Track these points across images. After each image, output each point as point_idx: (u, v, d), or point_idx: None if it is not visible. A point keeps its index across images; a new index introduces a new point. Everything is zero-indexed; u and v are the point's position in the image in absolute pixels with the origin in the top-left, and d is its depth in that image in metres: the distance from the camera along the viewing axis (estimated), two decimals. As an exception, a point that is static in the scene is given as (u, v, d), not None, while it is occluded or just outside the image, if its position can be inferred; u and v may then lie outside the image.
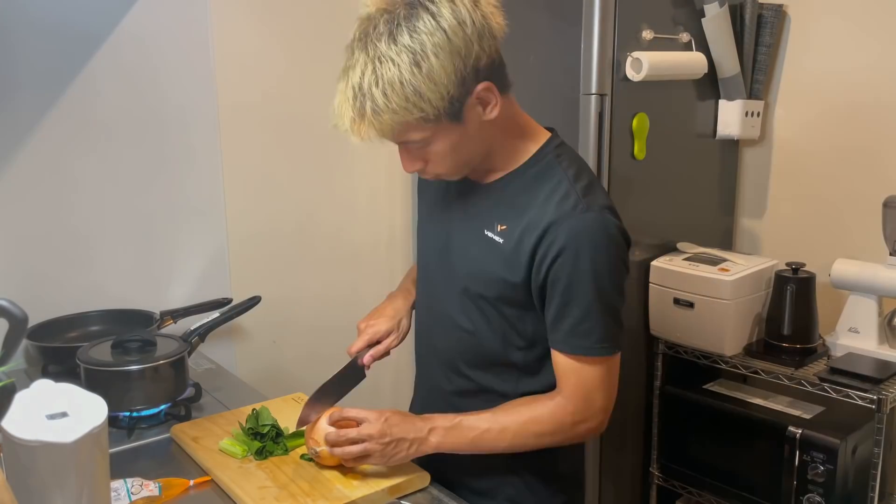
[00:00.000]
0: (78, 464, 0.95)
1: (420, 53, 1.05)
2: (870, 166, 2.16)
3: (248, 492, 1.22)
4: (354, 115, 1.09)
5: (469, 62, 1.08)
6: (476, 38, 1.07)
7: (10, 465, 0.96)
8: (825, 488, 1.84)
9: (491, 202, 1.25)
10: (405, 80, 1.05)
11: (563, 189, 1.19)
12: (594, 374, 1.21)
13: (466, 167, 1.23)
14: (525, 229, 1.19)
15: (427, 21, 1.05)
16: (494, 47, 1.12)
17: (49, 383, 1.03)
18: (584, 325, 1.18)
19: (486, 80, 1.11)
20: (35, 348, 1.71)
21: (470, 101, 1.12)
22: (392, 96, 1.06)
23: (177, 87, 1.96)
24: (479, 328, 1.28)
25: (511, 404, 1.26)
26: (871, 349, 1.96)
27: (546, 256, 1.17)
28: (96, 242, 1.89)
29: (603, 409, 1.24)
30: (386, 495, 1.23)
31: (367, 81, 1.06)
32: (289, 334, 2.26)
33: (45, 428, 0.94)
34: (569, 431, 1.23)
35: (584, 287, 1.16)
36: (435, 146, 1.15)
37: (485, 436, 1.22)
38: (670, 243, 2.21)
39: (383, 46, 1.06)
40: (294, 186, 2.22)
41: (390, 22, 1.06)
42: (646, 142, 2.04)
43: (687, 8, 2.10)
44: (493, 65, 1.12)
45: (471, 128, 1.15)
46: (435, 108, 1.08)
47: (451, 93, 1.08)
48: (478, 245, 1.25)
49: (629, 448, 2.24)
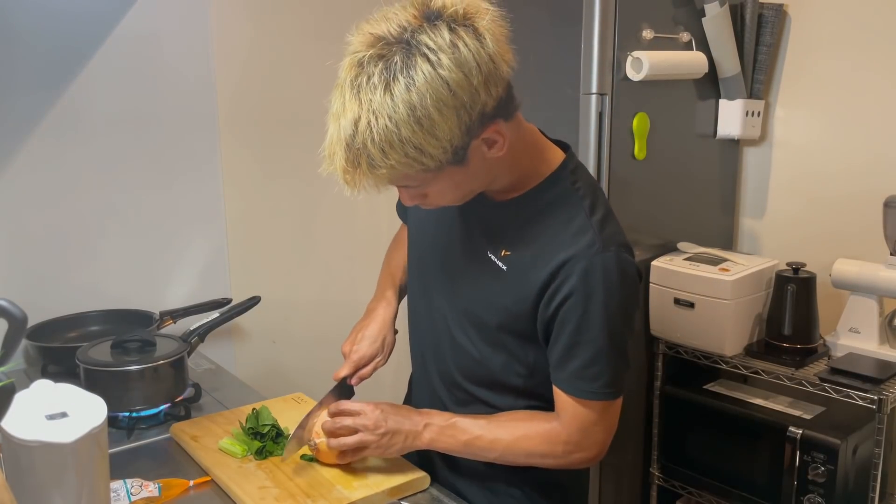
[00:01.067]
0: (77, 464, 0.95)
1: (420, 108, 0.94)
2: (870, 166, 2.16)
3: (248, 492, 1.22)
4: (348, 166, 1.00)
5: (475, 112, 0.98)
6: (482, 85, 0.97)
7: (10, 466, 0.96)
8: (825, 488, 1.84)
9: (497, 224, 1.19)
10: (405, 139, 0.96)
11: (579, 222, 1.13)
12: (595, 413, 1.18)
13: (470, 195, 1.15)
14: (534, 261, 1.14)
15: (427, 72, 0.94)
16: (503, 88, 1.02)
17: (48, 383, 1.03)
18: (591, 369, 1.14)
19: (493, 121, 1.03)
20: (35, 348, 1.71)
21: (475, 143, 1.03)
22: (390, 153, 0.97)
23: (177, 87, 1.96)
24: (480, 350, 1.24)
25: (508, 416, 1.24)
26: (872, 349, 1.96)
27: (556, 294, 1.12)
28: (96, 243, 1.89)
29: (599, 442, 1.21)
30: (386, 496, 1.23)
31: (362, 136, 0.97)
32: (288, 334, 2.26)
33: (45, 428, 0.94)
34: (560, 458, 1.21)
35: (595, 331, 1.12)
36: (436, 187, 1.08)
37: (476, 442, 1.21)
38: (670, 243, 2.21)
39: (378, 99, 0.95)
40: (294, 186, 2.22)
41: (385, 72, 0.95)
42: (646, 142, 2.04)
43: (687, 7, 2.10)
44: (499, 105, 1.02)
45: (474, 166, 1.06)
46: (436, 161, 1.00)
47: (455, 144, 0.99)
48: (479, 267, 1.20)
49: (629, 448, 2.24)
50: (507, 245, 1.17)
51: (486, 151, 1.06)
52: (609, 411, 1.19)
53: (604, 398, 1.16)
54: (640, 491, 2.27)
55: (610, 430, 1.22)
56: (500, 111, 1.03)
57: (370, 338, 1.41)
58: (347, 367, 1.38)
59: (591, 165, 1.96)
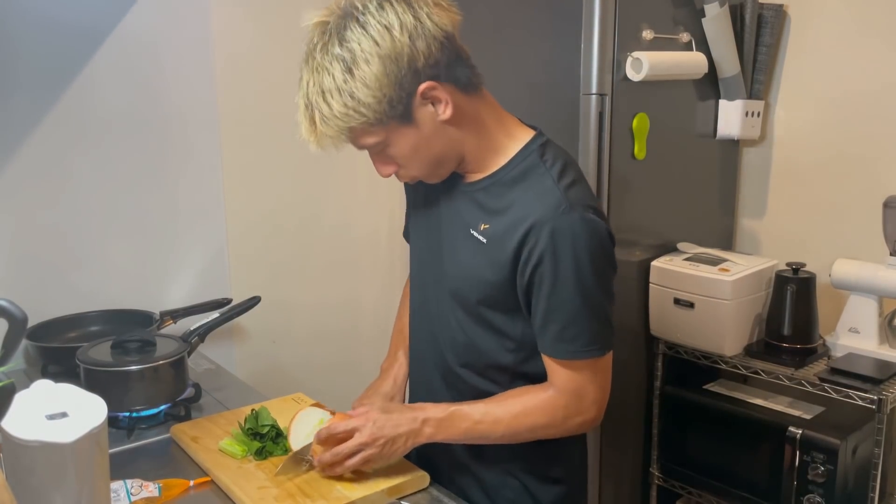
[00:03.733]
0: (77, 464, 0.95)
1: (350, 61, 1.08)
2: (870, 166, 2.16)
3: (248, 492, 1.22)
4: (308, 124, 1.14)
5: (402, 64, 1.09)
6: (407, 38, 1.09)
7: (11, 466, 0.95)
8: (825, 488, 1.84)
9: (475, 201, 1.24)
10: (341, 88, 1.09)
11: (546, 186, 1.18)
12: (584, 373, 1.21)
13: (440, 168, 1.22)
14: (507, 229, 1.18)
15: (355, 30, 1.09)
16: (435, 47, 1.11)
17: (49, 383, 1.03)
18: (570, 329, 1.18)
19: (431, 80, 1.12)
20: (35, 348, 1.71)
21: (416, 101, 1.12)
22: (332, 103, 1.09)
23: (177, 87, 1.96)
24: (468, 331, 1.27)
25: (503, 396, 1.26)
26: (872, 349, 1.96)
27: (530, 259, 1.16)
28: (96, 242, 1.89)
29: (596, 401, 1.23)
30: (385, 496, 1.23)
31: (311, 92, 1.11)
32: (288, 334, 2.26)
33: (45, 428, 0.94)
34: (561, 425, 1.23)
35: (568, 291, 1.16)
36: (394, 149, 1.17)
37: (477, 427, 1.22)
38: (670, 243, 2.21)
39: (318, 57, 1.11)
40: (294, 186, 2.22)
41: (324, 34, 1.11)
42: (646, 142, 2.04)
43: (687, 8, 2.10)
44: (437, 64, 1.12)
45: (426, 128, 1.15)
46: (375, 111, 1.10)
47: (388, 95, 1.10)
48: (464, 245, 1.24)
49: (629, 448, 2.24)
50: (485, 219, 1.22)
51: (434, 112, 1.14)
52: (598, 369, 1.22)
53: (588, 356, 1.19)
54: (640, 491, 2.27)
55: (604, 388, 1.24)
56: (437, 70, 1.12)
57: (384, 395, 1.45)
58: None
59: (591, 165, 1.96)
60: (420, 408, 1.25)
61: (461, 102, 1.16)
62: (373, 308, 2.42)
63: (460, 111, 1.16)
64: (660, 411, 2.19)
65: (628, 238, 2.10)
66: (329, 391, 1.82)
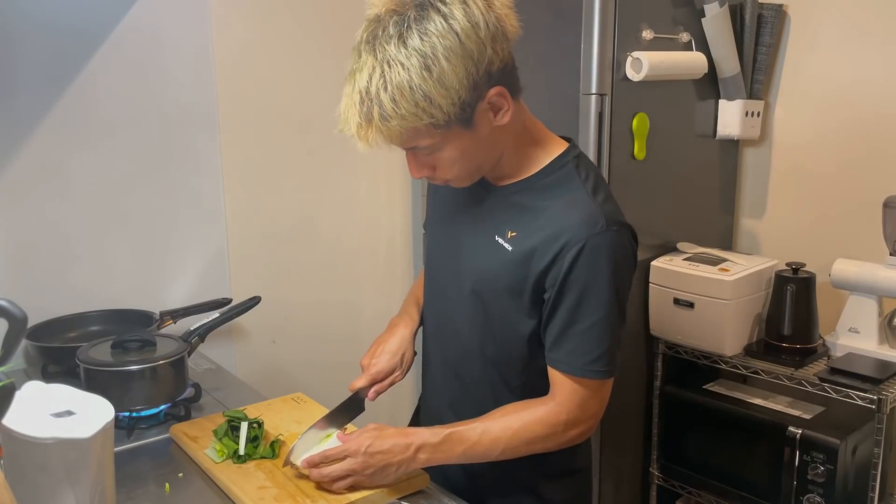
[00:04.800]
0: (93, 459, 0.96)
1: (431, 57, 1.01)
2: (870, 166, 2.16)
3: (248, 492, 1.22)
4: (361, 120, 1.05)
5: (482, 67, 1.04)
6: (489, 41, 1.04)
7: (13, 465, 0.96)
8: (825, 488, 1.84)
9: (503, 207, 1.22)
10: (415, 86, 1.01)
11: (581, 201, 1.16)
12: (591, 389, 1.20)
13: (477, 174, 1.20)
14: (537, 238, 1.16)
15: (438, 23, 1.01)
16: (507, 51, 1.08)
17: (39, 384, 1.03)
18: (586, 346, 1.16)
19: (499, 85, 1.08)
20: (35, 348, 1.71)
21: (481, 106, 1.08)
22: (401, 101, 1.02)
23: (177, 87, 1.96)
24: (478, 327, 1.26)
25: (501, 411, 1.23)
26: (871, 349, 1.96)
27: (560, 271, 1.14)
28: (96, 242, 1.89)
29: (595, 414, 1.23)
30: (385, 496, 1.23)
31: (375, 86, 1.02)
32: (288, 334, 2.26)
33: (58, 425, 0.95)
34: (560, 437, 1.22)
35: (593, 307, 1.14)
36: (444, 152, 1.12)
37: (475, 448, 1.20)
38: (670, 243, 2.21)
39: (392, 49, 1.02)
40: (294, 187, 2.22)
41: (400, 24, 1.02)
42: (646, 142, 2.04)
43: (687, 8, 2.10)
44: (505, 69, 1.09)
45: (482, 133, 1.11)
46: (445, 113, 1.04)
47: (463, 98, 1.04)
48: (486, 250, 1.22)
49: (629, 448, 2.24)
50: (512, 226, 1.20)
51: (493, 118, 1.11)
52: (605, 387, 1.21)
53: (601, 376, 1.18)
54: (639, 491, 2.28)
55: (604, 403, 1.23)
56: (504, 77, 1.09)
57: (390, 352, 1.41)
58: (364, 379, 1.37)
59: (590, 165, 1.96)
60: (414, 433, 1.21)
61: (514, 109, 1.13)
62: (373, 308, 2.42)
63: (512, 117, 1.13)
64: (660, 411, 2.19)
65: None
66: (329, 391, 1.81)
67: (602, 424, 2.09)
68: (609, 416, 2.13)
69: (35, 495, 0.94)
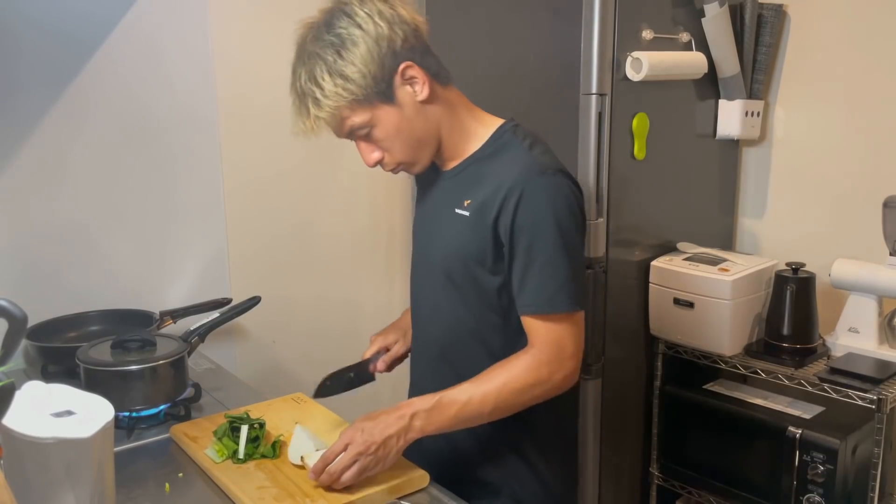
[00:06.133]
0: (93, 458, 0.96)
1: (339, 44, 1.22)
2: (870, 166, 2.16)
3: (248, 492, 1.22)
4: (304, 113, 1.25)
5: (383, 44, 1.23)
6: (386, 24, 1.23)
7: (13, 465, 0.95)
8: (825, 488, 1.84)
9: (457, 184, 1.35)
10: (332, 69, 1.22)
11: (519, 157, 1.29)
12: (562, 325, 1.26)
13: (421, 151, 1.32)
14: (486, 197, 1.28)
15: (343, 19, 1.23)
16: (409, 32, 1.25)
17: (39, 384, 1.03)
18: (548, 282, 1.24)
19: (406, 59, 1.25)
20: (34, 348, 1.71)
21: (396, 80, 1.25)
22: (324, 84, 1.22)
23: (177, 87, 1.96)
24: (456, 307, 1.35)
25: (487, 371, 1.29)
26: (871, 349, 1.96)
27: (507, 218, 1.25)
28: (96, 242, 1.89)
29: (573, 355, 1.28)
30: (386, 495, 1.23)
31: (304, 80, 1.24)
32: (288, 334, 2.26)
33: (58, 425, 0.95)
34: (546, 382, 1.27)
35: (543, 247, 1.24)
36: (378, 130, 1.28)
37: (466, 408, 1.25)
38: (670, 243, 2.21)
39: (310, 47, 1.24)
40: (294, 187, 2.22)
41: (315, 30, 1.25)
42: (646, 142, 2.04)
43: (687, 8, 2.10)
44: (413, 49, 1.26)
45: (407, 109, 1.27)
46: (362, 87, 1.22)
47: (374, 72, 1.22)
48: (450, 224, 1.34)
49: (629, 448, 2.24)
50: (467, 196, 1.32)
51: (412, 92, 1.27)
52: (574, 322, 1.27)
53: (567, 307, 1.25)
54: (639, 491, 2.28)
55: (578, 343, 1.28)
56: (412, 54, 1.26)
57: (396, 327, 1.59)
58: (373, 348, 1.55)
59: (591, 165, 1.96)
60: (406, 404, 1.26)
61: (435, 87, 1.29)
62: (373, 307, 2.42)
63: (435, 94, 1.29)
64: (660, 411, 2.19)
65: (628, 238, 2.10)
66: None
67: (602, 424, 2.10)
68: (609, 416, 2.15)
69: (35, 495, 0.94)
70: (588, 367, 2.06)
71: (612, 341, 2.09)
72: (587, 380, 2.06)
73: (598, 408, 2.09)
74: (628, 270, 2.12)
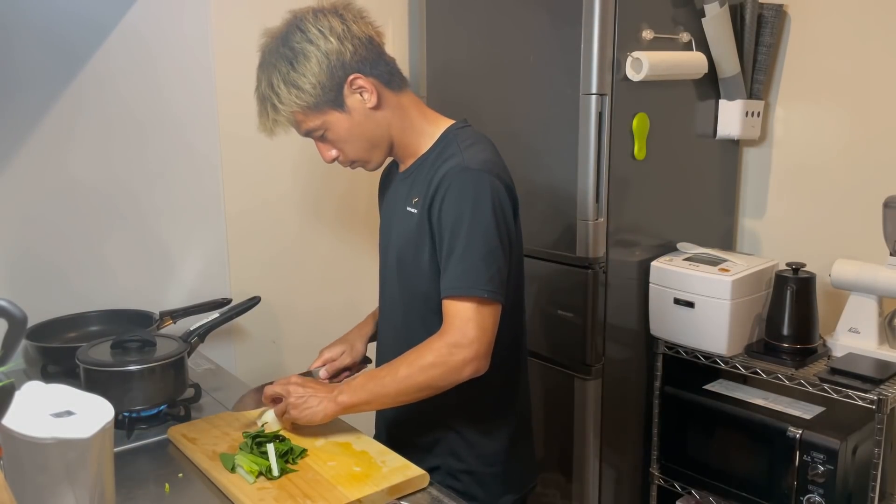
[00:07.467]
0: (93, 459, 0.96)
1: (292, 57, 1.35)
2: (870, 166, 2.16)
3: (247, 492, 1.22)
4: (264, 115, 1.39)
5: (333, 58, 1.34)
6: (336, 39, 1.35)
7: (13, 465, 0.95)
8: (825, 488, 1.84)
9: (409, 184, 1.45)
10: (286, 79, 1.35)
11: (453, 155, 1.38)
12: (467, 310, 1.31)
13: (374, 151, 1.44)
14: (426, 194, 1.38)
15: (297, 35, 1.36)
16: (359, 46, 1.37)
17: (39, 384, 1.03)
18: (462, 268, 1.32)
19: (356, 73, 1.36)
20: (34, 348, 1.71)
21: (346, 90, 1.37)
22: (280, 91, 1.35)
23: (177, 87, 1.96)
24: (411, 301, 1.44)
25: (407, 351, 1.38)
26: (872, 349, 1.96)
27: (436, 209, 1.35)
28: (96, 242, 1.89)
29: (474, 340, 1.31)
30: (386, 495, 1.23)
31: (265, 87, 1.37)
32: (288, 334, 2.26)
33: (57, 425, 0.95)
34: (444, 364, 1.31)
35: (464, 235, 1.32)
36: (332, 133, 1.40)
37: (384, 381, 1.34)
38: (670, 243, 2.21)
39: (268, 58, 1.37)
40: (294, 186, 2.22)
41: (273, 41, 1.38)
42: (646, 142, 2.04)
43: (687, 8, 2.10)
44: (363, 61, 1.37)
45: (357, 115, 1.39)
46: (312, 96, 1.35)
47: (323, 83, 1.34)
48: (402, 221, 1.45)
49: (629, 448, 2.24)
50: (415, 194, 1.43)
51: (362, 100, 1.38)
52: (482, 311, 1.32)
53: (473, 293, 1.31)
54: (640, 491, 2.28)
55: (483, 330, 1.32)
56: (362, 66, 1.37)
57: (343, 340, 1.70)
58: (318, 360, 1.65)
59: (591, 165, 1.96)
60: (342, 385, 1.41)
61: (385, 94, 1.40)
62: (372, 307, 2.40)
63: (384, 100, 1.40)
64: (660, 411, 2.19)
65: (628, 238, 2.10)
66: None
67: (602, 424, 2.10)
68: (609, 416, 2.15)
69: (35, 495, 0.94)
70: (588, 368, 2.06)
71: (612, 341, 2.09)
72: (587, 380, 2.06)
73: (598, 408, 2.09)
74: (628, 270, 2.12)
